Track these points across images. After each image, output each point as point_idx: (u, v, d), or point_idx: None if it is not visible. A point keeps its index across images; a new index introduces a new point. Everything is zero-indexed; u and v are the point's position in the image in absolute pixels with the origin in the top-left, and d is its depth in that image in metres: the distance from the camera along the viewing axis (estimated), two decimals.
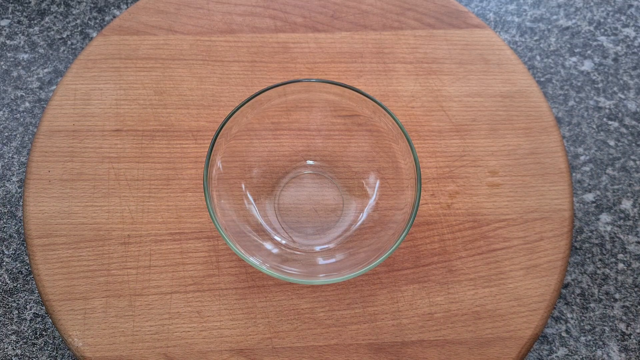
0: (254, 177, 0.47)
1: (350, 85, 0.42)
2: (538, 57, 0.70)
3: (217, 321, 0.43)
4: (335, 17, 0.54)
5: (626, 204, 0.86)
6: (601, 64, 0.72)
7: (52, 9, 0.70)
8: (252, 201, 0.46)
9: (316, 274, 0.41)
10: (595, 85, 0.71)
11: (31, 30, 0.69)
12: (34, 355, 0.55)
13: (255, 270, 0.44)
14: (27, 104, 0.64)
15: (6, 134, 0.63)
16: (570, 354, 0.56)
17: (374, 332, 0.43)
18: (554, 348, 0.56)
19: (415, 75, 0.52)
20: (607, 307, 0.80)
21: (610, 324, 0.77)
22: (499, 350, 0.43)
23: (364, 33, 0.54)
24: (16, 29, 0.70)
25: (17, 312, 0.56)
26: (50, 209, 0.46)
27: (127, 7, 0.68)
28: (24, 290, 0.56)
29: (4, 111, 0.65)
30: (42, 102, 0.65)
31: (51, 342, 0.55)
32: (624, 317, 0.80)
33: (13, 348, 0.54)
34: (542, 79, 0.69)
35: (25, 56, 0.67)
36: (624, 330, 0.77)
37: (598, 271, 0.83)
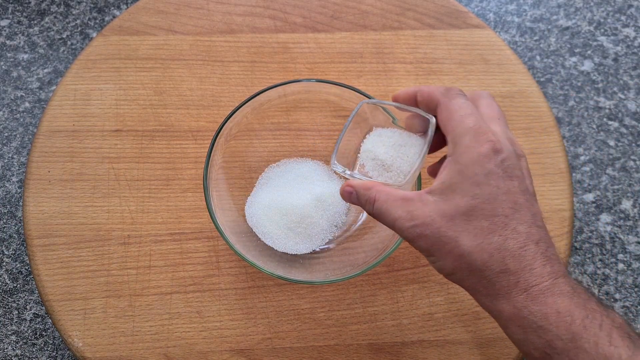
0: (254, 177, 0.47)
1: (350, 85, 0.42)
2: (538, 57, 0.70)
3: (217, 321, 0.43)
4: (335, 17, 0.54)
5: (626, 204, 0.86)
6: (601, 64, 0.72)
7: (52, 9, 0.70)
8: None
9: (316, 274, 0.41)
10: (595, 85, 0.71)
11: (31, 30, 0.69)
12: (34, 356, 0.55)
13: (255, 271, 0.44)
14: (27, 104, 0.64)
15: (6, 134, 0.63)
16: None
17: (374, 332, 0.43)
18: None
19: (415, 75, 0.52)
20: None
21: None
22: (499, 350, 0.43)
23: (363, 33, 0.54)
24: (16, 29, 0.70)
25: (17, 312, 0.56)
26: (50, 209, 0.46)
27: (127, 8, 0.68)
28: (24, 291, 0.56)
29: (4, 111, 0.65)
30: (42, 103, 0.65)
31: (51, 342, 0.55)
32: (624, 317, 0.79)
33: (13, 348, 0.54)
34: (542, 79, 0.69)
35: (25, 56, 0.67)
36: None
37: (598, 271, 0.83)
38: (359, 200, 0.33)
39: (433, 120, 0.33)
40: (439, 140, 0.34)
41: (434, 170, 0.36)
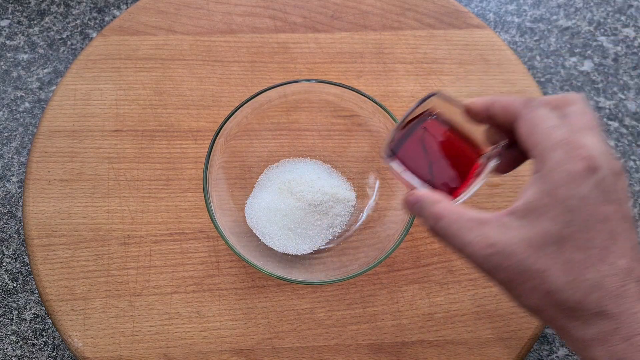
0: (254, 177, 0.47)
1: (349, 86, 0.42)
2: (538, 57, 0.70)
3: (217, 321, 0.43)
4: (335, 17, 0.54)
5: None
6: (601, 64, 0.72)
7: (52, 9, 0.70)
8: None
9: (316, 274, 0.41)
10: (595, 86, 0.71)
11: (31, 30, 0.69)
12: (33, 356, 0.55)
13: (255, 271, 0.44)
14: (27, 104, 0.64)
15: (6, 134, 0.63)
16: (570, 354, 0.56)
17: (374, 332, 0.43)
18: (554, 348, 0.56)
19: (415, 75, 0.52)
20: None
21: None
22: (499, 350, 0.43)
23: (364, 33, 0.54)
24: (16, 29, 0.70)
25: (16, 312, 0.56)
26: (50, 209, 0.46)
27: (127, 8, 0.68)
28: (24, 291, 0.56)
29: (4, 111, 0.65)
30: (42, 103, 0.65)
31: (51, 342, 0.55)
32: None
33: (13, 348, 0.54)
34: (542, 79, 0.69)
35: (25, 56, 0.67)
36: None
37: None
38: (421, 213, 0.29)
39: (504, 141, 0.30)
40: (513, 159, 0.31)
41: (503, 168, 0.32)
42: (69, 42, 0.68)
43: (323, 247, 0.44)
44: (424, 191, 0.30)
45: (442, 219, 0.27)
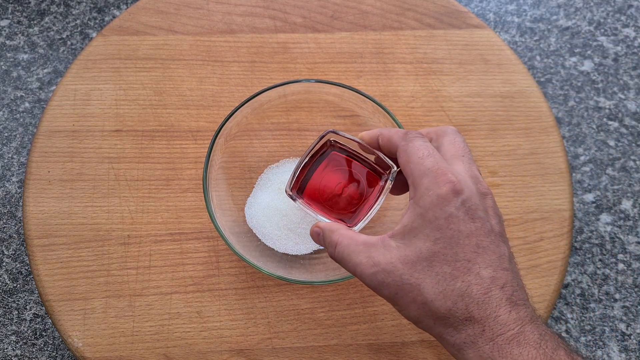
0: (254, 177, 0.47)
1: (349, 86, 0.42)
2: (538, 57, 0.70)
3: (217, 321, 0.43)
4: (335, 17, 0.54)
5: (626, 204, 0.86)
6: (601, 64, 0.72)
7: (52, 9, 0.71)
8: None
9: (316, 274, 0.42)
10: (595, 86, 0.71)
11: (31, 30, 0.69)
12: (33, 356, 0.55)
13: (254, 271, 0.44)
14: (26, 104, 0.64)
15: (6, 134, 0.63)
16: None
17: (374, 332, 0.43)
18: None
19: (415, 75, 0.52)
20: (607, 307, 0.80)
21: (610, 324, 0.77)
22: None
23: (363, 33, 0.54)
24: (16, 29, 0.70)
25: (17, 312, 0.56)
26: (50, 209, 0.46)
27: (127, 8, 0.68)
28: (24, 291, 0.56)
29: (4, 111, 0.65)
30: (42, 103, 0.65)
31: (51, 342, 0.55)
32: (624, 318, 0.79)
33: (13, 348, 0.54)
34: (542, 79, 0.69)
35: (25, 56, 0.67)
36: (624, 330, 0.77)
37: (598, 271, 0.83)
38: (323, 242, 0.32)
39: (394, 168, 0.33)
40: (404, 182, 0.34)
41: (397, 191, 0.36)
42: (69, 42, 0.68)
43: (323, 247, 0.44)
44: (324, 222, 0.33)
45: (338, 245, 0.31)
